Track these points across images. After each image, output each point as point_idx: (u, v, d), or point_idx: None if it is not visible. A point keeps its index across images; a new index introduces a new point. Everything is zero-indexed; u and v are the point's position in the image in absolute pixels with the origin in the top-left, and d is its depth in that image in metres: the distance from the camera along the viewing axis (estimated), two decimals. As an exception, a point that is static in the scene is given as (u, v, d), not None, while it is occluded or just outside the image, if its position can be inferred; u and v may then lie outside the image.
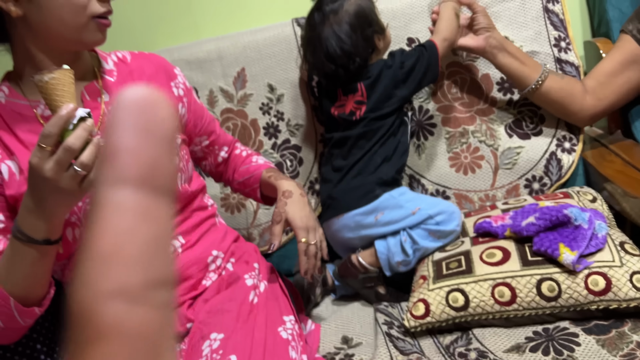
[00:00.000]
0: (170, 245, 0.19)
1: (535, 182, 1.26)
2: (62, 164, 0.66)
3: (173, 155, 0.19)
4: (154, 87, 0.19)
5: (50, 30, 0.80)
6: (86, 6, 0.79)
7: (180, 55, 1.35)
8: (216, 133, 1.11)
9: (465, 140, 1.29)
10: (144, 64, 0.98)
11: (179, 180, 0.94)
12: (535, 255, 0.95)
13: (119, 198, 0.18)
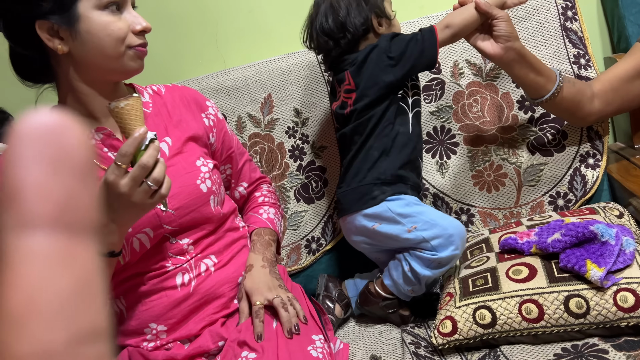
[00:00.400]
0: (99, 288, 0.17)
1: (560, 199, 1.26)
2: (136, 180, 0.74)
3: (90, 186, 0.17)
4: (58, 112, 0.18)
5: (93, 63, 0.87)
6: (124, 39, 0.86)
7: (208, 84, 1.41)
8: (238, 167, 1.15)
9: (488, 158, 1.31)
10: (177, 96, 1.05)
11: (212, 203, 0.98)
12: (562, 272, 0.95)
13: (28, 244, 0.15)
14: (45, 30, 0.84)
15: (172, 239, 0.94)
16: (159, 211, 0.91)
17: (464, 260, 1.12)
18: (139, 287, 0.92)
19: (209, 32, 1.54)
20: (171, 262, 0.94)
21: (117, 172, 0.74)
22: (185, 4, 1.53)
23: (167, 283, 0.93)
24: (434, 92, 1.35)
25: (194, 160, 0.99)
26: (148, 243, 0.91)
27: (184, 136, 1.00)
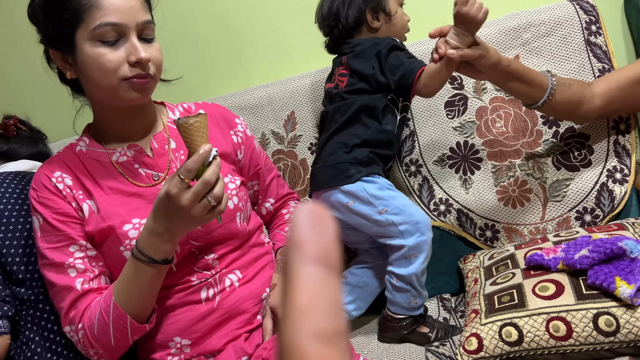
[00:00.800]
0: (342, 303, 0.25)
1: (587, 214, 1.25)
2: (198, 196, 0.77)
3: (336, 243, 0.26)
4: (317, 204, 0.27)
5: (95, 89, 0.89)
6: (116, 70, 0.84)
7: (233, 102, 1.44)
8: (265, 183, 1.15)
9: (512, 173, 1.30)
10: (208, 113, 1.06)
11: (239, 219, 1.00)
12: (590, 289, 0.93)
13: (307, 271, 0.25)
14: (59, 57, 0.89)
15: (198, 254, 0.96)
16: None
17: (489, 276, 1.11)
18: (164, 301, 0.94)
19: (233, 51, 1.58)
20: (196, 276, 0.95)
21: (180, 186, 0.77)
22: (211, 25, 1.58)
23: (192, 297, 0.94)
24: (457, 108, 1.35)
25: (222, 176, 1.01)
26: (175, 258, 0.93)
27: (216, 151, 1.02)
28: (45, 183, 0.92)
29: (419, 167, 1.38)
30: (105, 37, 0.83)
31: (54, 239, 0.90)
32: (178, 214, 0.78)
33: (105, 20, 0.83)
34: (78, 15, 0.83)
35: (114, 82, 0.85)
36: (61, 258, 0.89)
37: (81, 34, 0.84)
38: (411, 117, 1.38)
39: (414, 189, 1.38)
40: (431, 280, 1.32)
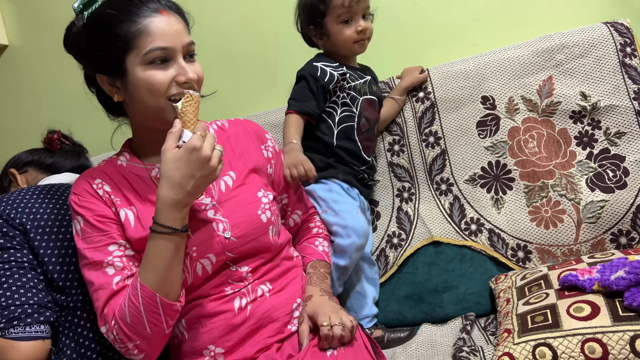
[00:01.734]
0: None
1: (622, 237, 1.23)
2: (213, 144, 0.86)
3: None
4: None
5: (141, 111, 0.94)
6: (165, 92, 0.89)
7: (267, 120, 1.48)
8: (295, 195, 1.19)
9: (545, 194, 1.29)
10: (239, 129, 1.11)
11: (271, 233, 1.02)
12: (626, 311, 0.92)
13: None
14: (105, 81, 0.93)
15: (232, 266, 0.98)
16: (223, 239, 0.96)
17: (522, 296, 1.10)
18: (199, 310, 0.96)
19: (268, 71, 1.63)
20: (230, 287, 0.97)
21: (202, 140, 0.84)
22: (247, 45, 1.63)
23: (226, 307, 0.96)
24: (489, 128, 1.35)
25: (256, 191, 1.04)
26: (210, 268, 0.96)
27: (247, 168, 1.06)
28: (86, 188, 0.96)
29: (450, 186, 1.38)
30: (156, 60, 0.88)
31: (95, 239, 0.93)
32: (201, 167, 0.84)
33: (156, 45, 0.88)
34: (129, 41, 0.88)
35: (162, 102, 0.90)
36: (100, 257, 0.91)
37: (132, 59, 0.88)
38: (442, 136, 1.39)
39: (445, 208, 1.38)
40: (462, 299, 1.32)
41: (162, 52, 0.88)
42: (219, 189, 1.01)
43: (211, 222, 0.97)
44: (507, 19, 1.47)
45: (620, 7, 1.41)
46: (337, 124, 1.28)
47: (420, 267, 1.37)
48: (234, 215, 0.99)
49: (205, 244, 0.95)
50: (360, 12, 1.25)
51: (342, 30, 1.26)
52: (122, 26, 0.88)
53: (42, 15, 1.79)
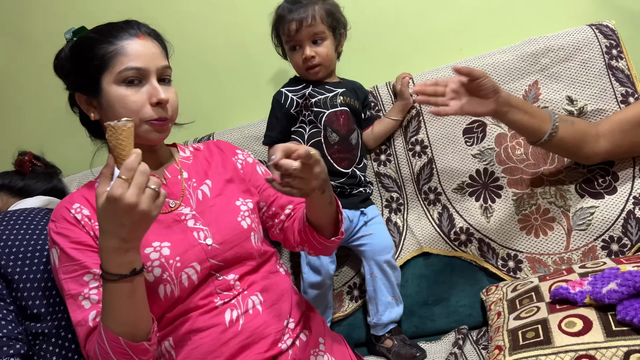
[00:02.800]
0: None
1: (614, 244, 1.20)
2: (141, 187, 0.75)
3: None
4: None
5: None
6: (139, 111, 0.92)
7: (250, 132, 1.46)
8: (274, 196, 1.13)
9: (534, 201, 1.27)
10: (213, 148, 1.14)
11: (253, 239, 1.01)
12: (620, 325, 0.89)
13: None
14: (83, 100, 0.97)
15: (218, 275, 0.97)
16: (205, 246, 0.96)
17: (513, 309, 1.08)
18: (188, 326, 0.94)
19: (250, 82, 1.60)
20: (219, 297, 0.96)
21: (124, 185, 0.75)
22: (230, 58, 1.60)
23: (216, 320, 0.94)
24: (476, 135, 1.33)
25: (234, 200, 1.05)
26: (196, 278, 0.94)
27: (222, 179, 1.07)
28: (64, 214, 0.95)
29: (438, 195, 1.36)
30: (129, 79, 0.92)
31: (70, 268, 0.91)
32: (129, 215, 0.75)
33: (130, 65, 0.92)
34: (106, 61, 0.92)
35: (136, 122, 0.91)
36: (77, 289, 0.90)
37: (107, 77, 0.92)
38: (429, 145, 1.37)
39: (434, 218, 1.35)
40: (453, 312, 1.29)
41: (135, 72, 0.92)
42: (196, 198, 1.02)
43: (192, 231, 0.97)
44: (491, 24, 1.45)
45: (605, 8, 1.39)
46: (307, 142, 1.28)
47: (410, 279, 1.34)
48: (214, 223, 0.99)
49: (188, 253, 0.94)
50: (307, 39, 1.26)
51: (292, 57, 1.31)
52: (100, 47, 0.92)
53: (26, 34, 1.76)
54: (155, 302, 0.91)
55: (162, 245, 0.93)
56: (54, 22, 1.70)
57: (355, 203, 1.32)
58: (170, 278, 0.91)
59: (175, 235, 0.96)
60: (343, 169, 1.29)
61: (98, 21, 1.00)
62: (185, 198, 1.01)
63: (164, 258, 0.92)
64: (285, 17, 1.26)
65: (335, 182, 1.28)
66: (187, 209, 1.00)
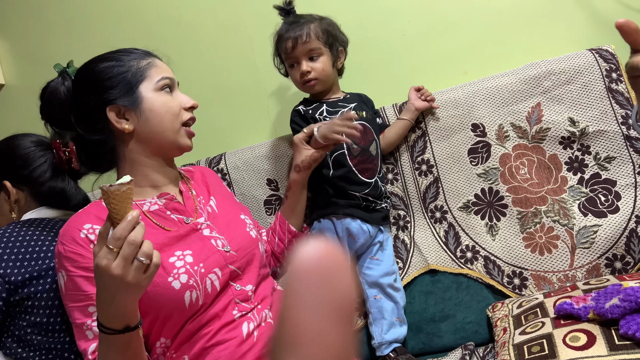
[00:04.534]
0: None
1: (617, 261, 1.23)
2: (128, 259, 0.72)
3: (355, 335, 0.18)
4: (332, 246, 0.19)
5: (155, 138, 1.00)
6: (179, 114, 1.02)
7: (260, 152, 1.50)
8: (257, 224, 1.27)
9: (539, 220, 1.30)
10: (204, 171, 1.22)
11: (261, 247, 1.10)
12: (622, 339, 0.91)
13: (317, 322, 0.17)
14: (115, 114, 0.99)
15: (236, 285, 1.00)
16: (224, 253, 1.00)
17: (518, 325, 1.10)
18: (205, 342, 0.95)
19: (261, 103, 1.65)
20: (237, 308, 0.98)
21: (110, 256, 0.72)
22: (241, 79, 1.65)
23: (234, 333, 0.96)
24: (480, 155, 1.37)
25: (238, 214, 1.14)
26: (218, 284, 0.97)
27: (223, 198, 1.15)
28: (74, 236, 0.92)
29: (444, 214, 1.39)
30: (165, 88, 1.01)
31: (76, 297, 0.90)
32: (116, 285, 0.73)
33: (165, 75, 1.02)
34: (142, 72, 1.00)
35: (177, 125, 1.01)
36: (81, 319, 0.90)
37: (146, 86, 1.00)
38: (435, 164, 1.40)
39: (440, 236, 1.38)
40: (460, 329, 1.31)
41: (169, 81, 1.02)
42: (207, 212, 1.08)
43: (209, 239, 1.01)
44: (495, 47, 1.50)
45: (605, 33, 1.43)
46: (330, 154, 1.30)
47: (417, 296, 1.36)
48: (227, 231, 1.05)
49: (210, 260, 0.98)
50: (303, 56, 1.30)
51: (292, 74, 1.36)
52: (133, 61, 1.01)
53: (38, 54, 1.82)
54: (179, 310, 0.92)
55: (184, 253, 0.96)
56: (70, 44, 1.77)
57: (377, 219, 1.34)
58: (196, 284, 0.93)
59: (195, 243, 0.99)
60: (367, 179, 1.31)
61: (115, 46, 1.06)
62: (199, 214, 1.06)
63: (189, 265, 0.94)
64: (283, 36, 1.32)
65: (360, 193, 1.30)
66: (201, 218, 1.05)
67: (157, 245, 0.94)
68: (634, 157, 1.27)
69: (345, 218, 1.29)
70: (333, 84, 1.39)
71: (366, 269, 1.32)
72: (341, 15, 1.38)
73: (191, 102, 1.05)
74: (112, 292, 0.74)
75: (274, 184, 1.48)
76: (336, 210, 1.30)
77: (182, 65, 1.13)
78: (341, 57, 1.38)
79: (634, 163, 1.26)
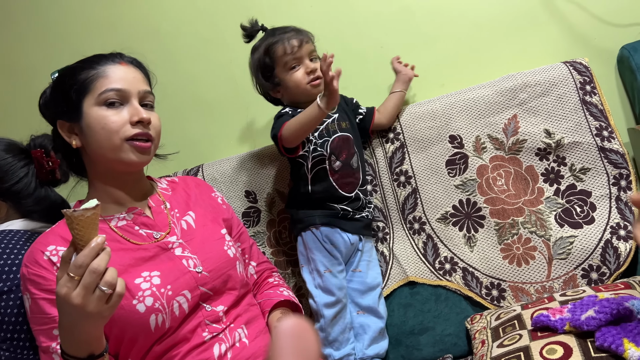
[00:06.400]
0: None
1: (593, 272, 1.23)
2: (89, 288, 0.69)
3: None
4: (300, 319, 0.27)
5: (98, 154, 0.95)
6: (119, 130, 0.92)
7: (239, 163, 1.48)
8: (247, 245, 1.20)
9: (516, 231, 1.30)
10: (189, 181, 1.16)
11: (238, 267, 1.03)
12: (598, 351, 0.91)
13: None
14: (65, 129, 0.97)
15: (207, 306, 0.97)
16: (195, 274, 0.96)
17: (496, 337, 1.09)
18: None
19: (240, 114, 1.64)
20: (208, 330, 0.95)
21: (70, 285, 0.69)
22: (220, 91, 1.64)
23: (205, 355, 0.93)
24: (458, 166, 1.37)
25: (219, 229, 1.07)
26: (187, 307, 0.93)
27: (205, 211, 1.09)
28: (37, 258, 0.90)
29: (423, 225, 1.38)
30: (110, 101, 0.93)
31: (40, 320, 0.88)
32: (77, 314, 0.70)
33: (111, 87, 0.93)
34: (87, 85, 0.93)
35: (116, 142, 0.92)
36: (47, 342, 0.88)
37: (88, 101, 0.93)
38: (413, 175, 1.40)
39: (419, 247, 1.38)
40: (439, 341, 1.30)
41: (116, 94, 0.93)
42: (180, 228, 1.02)
43: (180, 259, 0.97)
44: (471, 60, 1.51)
45: (579, 46, 1.46)
46: (310, 169, 1.28)
47: (396, 309, 1.35)
48: (202, 251, 1.00)
49: (179, 281, 0.94)
50: (306, 56, 1.27)
51: (292, 77, 1.29)
52: (82, 72, 0.94)
53: (15, 65, 1.78)
54: (145, 333, 0.89)
55: (151, 274, 0.92)
56: (45, 56, 1.74)
57: (358, 228, 1.32)
58: (162, 307, 0.90)
59: (164, 264, 0.95)
60: (347, 194, 1.30)
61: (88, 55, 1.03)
62: (170, 228, 1.02)
63: (155, 287, 0.91)
64: (282, 38, 1.27)
65: (339, 206, 1.28)
66: (173, 237, 1.00)
67: (123, 267, 0.91)
68: (609, 169, 1.28)
69: (323, 227, 1.27)
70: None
71: (349, 282, 1.31)
72: (319, 26, 1.38)
73: (137, 117, 0.93)
74: (73, 320, 0.72)
75: (252, 196, 1.47)
76: (314, 221, 1.28)
77: (160, 77, 1.09)
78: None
79: (609, 174, 1.28)
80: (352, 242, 1.30)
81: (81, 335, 0.74)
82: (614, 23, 1.44)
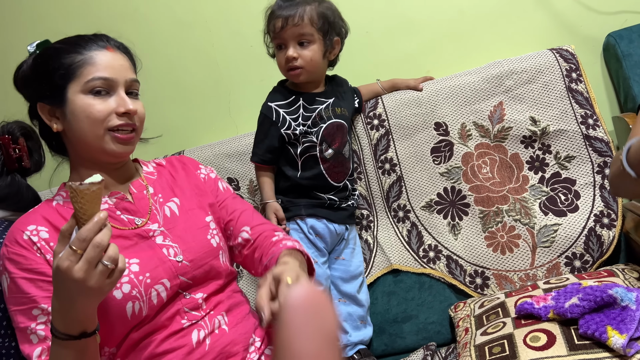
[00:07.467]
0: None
1: (577, 260, 1.23)
2: (92, 262, 0.69)
3: (342, 356, 0.24)
4: (314, 286, 0.22)
5: (82, 141, 0.92)
6: (104, 120, 0.90)
7: (221, 150, 1.45)
8: (235, 210, 1.10)
9: (500, 219, 1.30)
10: (175, 162, 1.12)
11: (221, 257, 0.99)
12: (582, 339, 0.91)
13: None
14: (46, 112, 0.94)
15: (186, 294, 0.95)
16: (175, 263, 0.94)
17: (480, 325, 1.09)
18: (152, 348, 0.91)
19: (222, 100, 1.60)
20: (187, 317, 0.93)
21: (72, 258, 0.68)
22: (200, 75, 1.60)
23: (182, 341, 0.91)
24: (443, 154, 1.36)
25: (204, 216, 1.03)
26: (165, 295, 0.91)
27: (190, 195, 1.05)
28: (17, 237, 0.88)
29: (407, 213, 1.37)
30: (96, 90, 0.90)
31: (19, 300, 0.86)
32: (77, 288, 0.69)
33: (98, 75, 0.90)
34: (73, 70, 0.90)
35: (99, 132, 0.90)
36: (25, 323, 0.86)
37: (73, 87, 0.90)
38: (398, 163, 1.38)
39: (403, 235, 1.37)
40: (422, 329, 1.29)
41: (103, 83, 0.91)
42: (164, 214, 0.99)
43: (161, 248, 0.94)
44: (458, 47, 1.49)
45: (565, 33, 1.45)
46: (300, 156, 1.25)
47: (379, 297, 1.34)
48: (183, 239, 0.97)
49: (158, 270, 0.91)
50: (292, 39, 1.19)
51: (277, 56, 1.24)
52: (67, 56, 0.91)
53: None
54: (121, 320, 0.87)
55: (130, 262, 0.90)
56: (19, 37, 1.68)
57: (343, 218, 1.30)
58: (139, 295, 0.88)
59: (144, 252, 0.93)
60: (336, 183, 1.27)
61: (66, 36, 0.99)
62: (152, 214, 0.99)
63: (134, 274, 0.89)
64: (274, 13, 1.20)
65: (326, 195, 1.27)
66: (154, 225, 0.97)
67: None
68: (593, 157, 1.28)
69: (309, 218, 1.25)
70: (320, 77, 1.29)
71: (332, 269, 1.29)
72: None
73: (125, 108, 0.91)
74: (72, 296, 0.71)
75: (235, 183, 1.44)
76: (299, 212, 1.25)
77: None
78: (335, 48, 1.27)
79: (593, 162, 1.28)
80: (338, 232, 1.29)
81: (77, 312, 0.73)
82: (600, 10, 1.43)
